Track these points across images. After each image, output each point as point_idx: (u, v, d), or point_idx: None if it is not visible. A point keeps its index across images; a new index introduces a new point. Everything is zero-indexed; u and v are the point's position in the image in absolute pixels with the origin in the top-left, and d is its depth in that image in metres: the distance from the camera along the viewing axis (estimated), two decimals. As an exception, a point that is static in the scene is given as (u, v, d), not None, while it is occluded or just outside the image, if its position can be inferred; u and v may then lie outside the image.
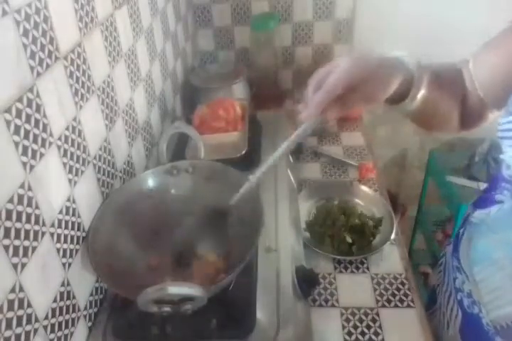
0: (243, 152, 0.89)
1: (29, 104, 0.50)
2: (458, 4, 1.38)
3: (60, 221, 0.56)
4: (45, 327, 0.51)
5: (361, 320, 0.77)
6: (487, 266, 0.61)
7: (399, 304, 0.79)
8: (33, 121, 0.51)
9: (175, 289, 0.49)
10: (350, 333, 0.75)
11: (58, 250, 0.55)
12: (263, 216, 0.62)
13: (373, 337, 0.74)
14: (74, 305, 0.58)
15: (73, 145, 0.60)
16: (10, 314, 0.45)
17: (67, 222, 0.58)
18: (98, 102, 0.69)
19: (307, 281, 0.69)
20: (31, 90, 0.51)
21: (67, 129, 0.59)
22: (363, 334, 0.75)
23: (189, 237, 0.70)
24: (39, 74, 0.52)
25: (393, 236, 0.91)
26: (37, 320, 0.50)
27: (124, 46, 0.81)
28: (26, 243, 0.48)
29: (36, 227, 0.50)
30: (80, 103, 0.63)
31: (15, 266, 0.46)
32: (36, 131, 0.51)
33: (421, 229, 1.79)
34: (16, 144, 0.47)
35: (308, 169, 1.17)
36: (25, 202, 0.48)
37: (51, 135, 0.55)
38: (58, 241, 0.55)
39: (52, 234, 0.54)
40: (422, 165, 1.72)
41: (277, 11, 1.42)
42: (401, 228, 0.98)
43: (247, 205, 0.65)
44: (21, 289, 0.47)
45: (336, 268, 0.88)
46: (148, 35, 0.96)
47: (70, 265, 0.58)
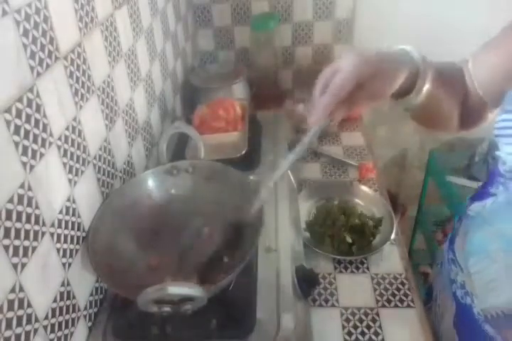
0: (243, 152, 0.89)
1: (29, 104, 0.50)
2: (458, 4, 1.38)
3: (60, 221, 0.56)
4: (45, 327, 0.51)
5: (361, 320, 0.77)
6: (482, 258, 0.62)
7: (399, 304, 0.79)
8: (33, 121, 0.51)
9: (175, 289, 0.49)
10: (350, 333, 0.75)
11: (58, 250, 0.55)
12: (263, 216, 0.62)
13: (373, 337, 0.74)
14: (74, 305, 0.58)
15: (73, 145, 0.60)
16: (10, 314, 0.45)
17: (67, 222, 0.58)
18: (98, 102, 0.69)
19: (307, 281, 0.69)
20: (31, 90, 0.51)
21: (67, 129, 0.59)
22: (363, 334, 0.75)
23: (190, 237, 0.71)
24: (39, 74, 0.52)
25: (393, 236, 0.91)
26: (37, 320, 0.50)
27: (124, 46, 0.81)
28: (26, 243, 0.48)
29: (36, 227, 0.50)
30: (80, 103, 0.63)
31: (15, 266, 0.46)
32: (36, 131, 0.51)
33: (421, 229, 1.79)
34: (16, 144, 0.47)
35: (308, 169, 1.17)
36: (25, 202, 0.48)
37: (51, 135, 0.55)
38: (58, 241, 0.55)
39: (52, 234, 0.54)
40: (422, 165, 1.72)
41: (277, 11, 1.42)
42: (401, 228, 0.98)
43: (247, 205, 0.65)
44: (21, 289, 0.47)
45: (336, 268, 0.88)
46: (148, 35, 0.96)
47: (70, 265, 0.58)
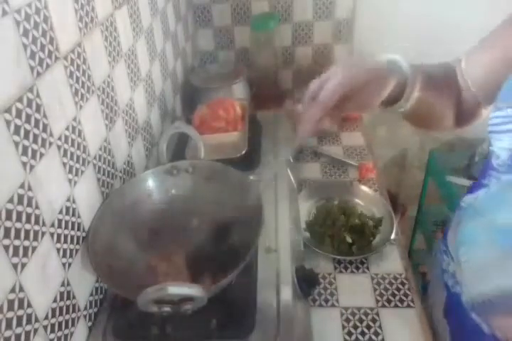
0: (243, 152, 0.89)
1: (29, 104, 0.50)
2: (458, 4, 1.38)
3: (60, 221, 0.56)
4: (45, 327, 0.51)
5: (361, 320, 0.77)
6: (471, 248, 0.63)
7: (399, 304, 0.79)
8: (33, 121, 0.51)
9: (175, 289, 0.49)
10: (350, 333, 0.75)
11: (58, 250, 0.55)
12: (263, 216, 0.62)
13: (373, 337, 0.74)
14: (74, 305, 0.58)
15: (73, 145, 0.60)
16: (10, 314, 0.45)
17: (67, 222, 0.58)
18: (98, 102, 0.69)
19: (307, 281, 0.69)
20: (31, 90, 0.51)
21: (67, 129, 0.59)
22: (363, 334, 0.75)
23: (190, 237, 0.71)
24: (39, 74, 0.52)
25: (393, 236, 0.91)
26: (37, 320, 0.50)
27: (124, 46, 0.81)
28: (26, 243, 0.48)
29: (36, 227, 0.50)
30: (80, 103, 0.63)
31: (15, 266, 0.46)
32: (36, 131, 0.51)
33: (421, 229, 1.79)
34: (16, 144, 0.47)
35: (308, 169, 1.17)
36: (25, 202, 0.48)
37: (51, 135, 0.55)
38: (58, 241, 0.55)
39: (52, 234, 0.54)
40: (422, 165, 1.72)
41: (277, 11, 1.42)
42: (401, 228, 0.98)
43: (247, 205, 0.65)
44: (21, 289, 0.47)
45: (336, 268, 0.88)
46: (148, 35, 0.96)
47: (70, 265, 0.58)
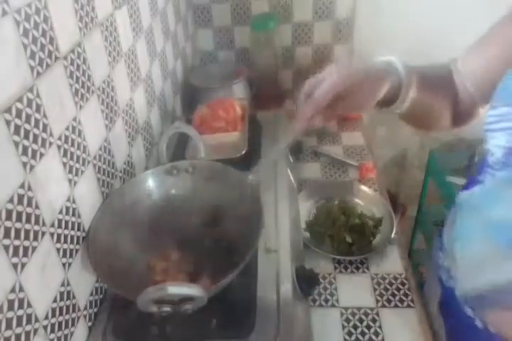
0: (243, 152, 0.89)
1: (29, 104, 0.50)
2: (458, 4, 1.38)
3: (60, 221, 0.56)
4: (45, 327, 0.51)
5: (361, 320, 0.77)
6: (467, 244, 0.63)
7: (399, 304, 0.79)
8: (33, 121, 0.51)
9: (175, 289, 0.49)
10: (350, 333, 0.75)
11: (58, 250, 0.55)
12: (263, 216, 0.62)
13: (373, 337, 0.74)
14: (74, 305, 0.58)
15: (73, 145, 0.60)
16: (10, 314, 0.45)
17: (67, 222, 0.58)
18: (98, 102, 0.69)
19: (307, 281, 0.69)
20: (31, 90, 0.51)
21: (67, 129, 0.59)
22: (363, 334, 0.75)
23: (190, 237, 0.71)
24: (39, 74, 0.52)
25: (393, 236, 0.91)
26: (37, 320, 0.50)
27: (124, 46, 0.81)
28: (26, 243, 0.48)
29: (36, 227, 0.50)
30: (80, 103, 0.63)
31: (15, 266, 0.46)
32: (36, 131, 0.51)
33: (421, 229, 1.79)
34: (16, 144, 0.47)
35: (308, 169, 1.17)
36: (25, 202, 0.48)
37: (51, 135, 0.55)
38: (58, 241, 0.55)
39: (52, 234, 0.54)
40: (422, 165, 1.72)
41: (277, 11, 1.42)
42: (401, 228, 0.98)
43: (247, 205, 0.65)
44: (21, 289, 0.47)
45: (336, 268, 0.88)
46: (148, 35, 0.96)
47: (70, 265, 0.58)
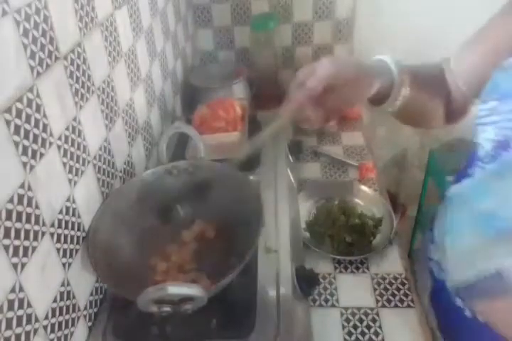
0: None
1: (29, 104, 0.50)
2: (458, 4, 1.38)
3: (60, 221, 0.56)
4: (45, 327, 0.51)
5: (361, 320, 0.77)
6: (457, 237, 0.63)
7: (399, 304, 0.79)
8: (33, 121, 0.51)
9: (175, 289, 0.49)
10: (350, 333, 0.75)
11: (58, 250, 0.55)
12: (263, 215, 0.62)
13: (373, 337, 0.74)
14: (74, 305, 0.58)
15: (73, 145, 0.60)
16: (10, 314, 0.45)
17: (67, 222, 0.58)
18: (98, 102, 0.69)
19: (307, 281, 0.69)
20: (31, 90, 0.51)
21: (67, 129, 0.59)
22: (363, 334, 0.75)
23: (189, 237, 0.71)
24: (39, 74, 0.52)
25: (393, 236, 0.91)
26: (37, 320, 0.50)
27: (124, 46, 0.81)
28: (26, 243, 0.48)
29: (36, 227, 0.50)
30: (80, 103, 0.63)
31: (15, 266, 0.46)
32: (36, 131, 0.51)
33: (421, 229, 1.79)
34: (16, 144, 0.47)
35: (308, 169, 1.17)
36: (25, 202, 0.48)
37: (51, 135, 0.55)
38: (58, 241, 0.55)
39: (52, 234, 0.54)
40: (422, 165, 1.72)
41: (277, 11, 1.42)
42: (401, 228, 0.98)
43: (247, 205, 0.65)
44: (21, 289, 0.47)
45: (336, 268, 0.88)
46: (148, 35, 0.96)
47: (70, 265, 0.58)
